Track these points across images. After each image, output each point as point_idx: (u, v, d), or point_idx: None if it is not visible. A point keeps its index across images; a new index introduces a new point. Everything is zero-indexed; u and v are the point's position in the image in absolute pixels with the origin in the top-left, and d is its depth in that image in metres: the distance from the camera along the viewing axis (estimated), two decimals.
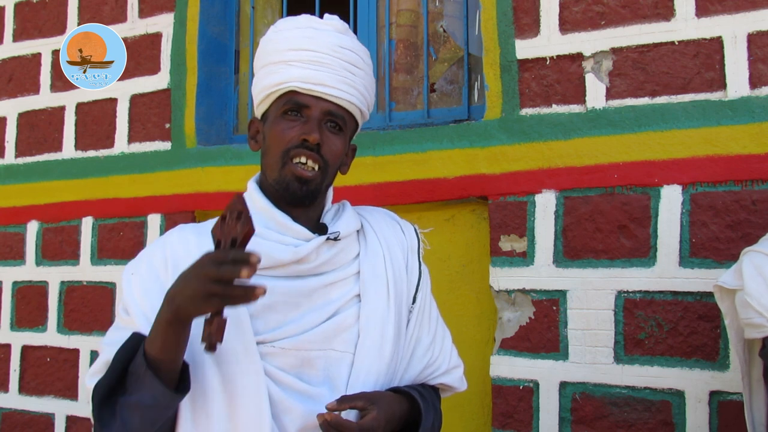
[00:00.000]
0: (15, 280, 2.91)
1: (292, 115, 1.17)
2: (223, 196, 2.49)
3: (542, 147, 2.05)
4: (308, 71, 1.15)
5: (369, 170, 2.25)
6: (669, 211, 1.91)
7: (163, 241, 1.22)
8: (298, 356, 1.12)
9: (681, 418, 1.85)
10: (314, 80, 1.15)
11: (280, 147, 1.16)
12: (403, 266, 1.27)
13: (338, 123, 1.19)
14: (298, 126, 1.16)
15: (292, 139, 1.15)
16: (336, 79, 1.17)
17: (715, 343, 1.85)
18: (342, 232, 1.19)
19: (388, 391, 1.17)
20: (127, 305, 1.15)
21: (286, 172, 1.15)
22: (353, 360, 1.15)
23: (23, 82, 2.99)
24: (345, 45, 1.20)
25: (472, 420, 2.19)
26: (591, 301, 1.97)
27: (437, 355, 1.28)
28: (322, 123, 1.17)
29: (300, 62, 1.16)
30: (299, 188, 1.15)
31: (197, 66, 2.61)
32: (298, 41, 1.18)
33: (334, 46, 1.18)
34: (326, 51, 1.17)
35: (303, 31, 1.19)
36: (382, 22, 2.59)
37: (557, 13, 2.08)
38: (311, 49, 1.17)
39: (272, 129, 1.18)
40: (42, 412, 2.78)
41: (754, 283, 1.38)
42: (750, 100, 1.85)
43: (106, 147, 2.76)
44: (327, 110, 1.17)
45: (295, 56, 1.17)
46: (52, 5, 2.95)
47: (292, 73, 1.16)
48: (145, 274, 1.16)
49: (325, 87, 1.16)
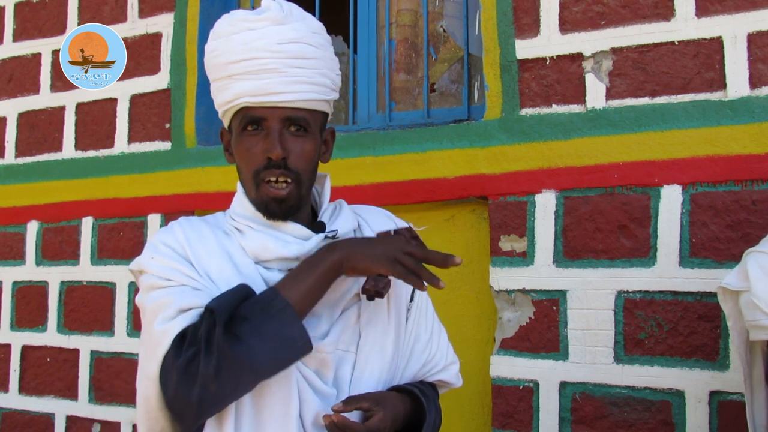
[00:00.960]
0: (15, 280, 2.91)
1: (252, 129, 1.13)
2: (223, 196, 2.48)
3: (542, 147, 2.05)
4: (254, 82, 1.09)
5: (369, 170, 2.25)
6: (669, 211, 1.91)
7: (170, 227, 1.20)
8: (318, 357, 1.12)
9: (681, 418, 1.85)
10: (262, 91, 1.09)
11: (249, 168, 1.13)
12: None
13: (301, 125, 1.14)
14: (261, 141, 1.12)
15: (257, 159, 1.11)
16: (285, 81, 1.10)
17: (715, 343, 1.85)
18: (340, 231, 1.19)
19: (391, 391, 1.18)
20: (160, 273, 1.11)
21: (261, 194, 1.13)
22: (355, 359, 1.15)
23: (23, 82, 2.99)
24: (286, 38, 1.11)
25: (472, 420, 2.19)
26: (591, 301, 1.97)
27: (435, 352, 1.28)
28: (284, 130, 1.12)
29: (244, 74, 1.10)
30: (278, 207, 1.13)
31: (197, 66, 2.61)
32: (237, 51, 1.11)
33: (274, 45, 1.10)
34: (268, 54, 1.10)
35: (240, 35, 1.11)
36: (382, 22, 2.58)
37: (557, 13, 2.08)
38: (251, 57, 1.10)
39: (237, 147, 1.15)
40: (42, 412, 2.79)
41: (762, 284, 1.37)
42: (750, 100, 1.84)
43: (106, 147, 2.76)
44: (285, 117, 1.12)
45: (238, 69, 1.11)
46: (52, 5, 2.95)
47: (239, 87, 1.10)
48: (167, 251, 1.14)
49: (276, 95, 1.10)
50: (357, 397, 1.09)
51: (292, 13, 1.15)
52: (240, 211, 1.20)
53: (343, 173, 2.14)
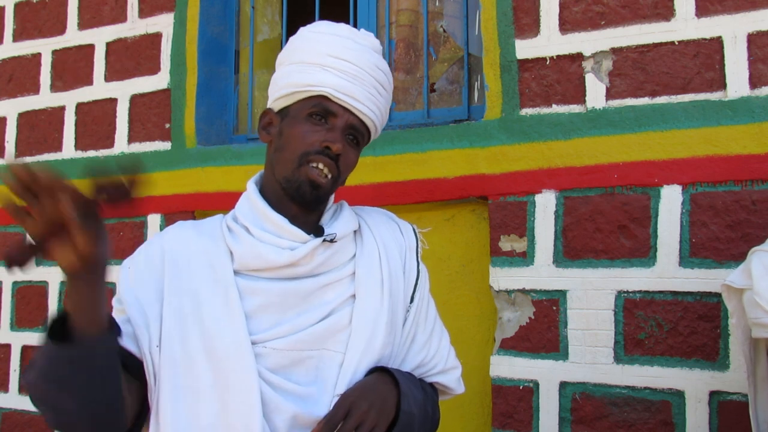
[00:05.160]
0: (15, 280, 2.91)
1: (316, 119, 1.18)
2: (223, 196, 2.49)
3: (542, 147, 2.06)
4: (344, 81, 1.17)
5: (369, 170, 2.25)
6: (669, 211, 1.91)
7: (160, 235, 1.22)
8: (289, 356, 1.12)
9: (681, 418, 1.85)
10: (347, 91, 1.17)
11: (300, 148, 1.16)
12: (400, 266, 1.27)
13: (357, 137, 1.22)
14: (322, 131, 1.17)
15: (313, 143, 1.16)
16: (366, 95, 1.19)
17: (715, 343, 1.85)
18: (338, 233, 1.19)
19: (372, 376, 1.15)
20: (120, 295, 1.15)
21: (300, 174, 1.16)
22: (343, 359, 1.15)
23: (23, 82, 2.99)
24: (379, 65, 1.23)
25: (472, 420, 2.19)
26: (591, 301, 1.97)
27: (433, 354, 1.28)
28: (344, 134, 1.19)
29: (337, 70, 1.17)
30: (310, 192, 1.16)
31: (197, 66, 2.61)
32: (339, 49, 1.19)
33: (370, 63, 1.21)
34: (363, 66, 1.19)
35: (343, 41, 1.20)
36: (382, 22, 2.59)
37: (557, 13, 2.09)
38: (350, 60, 1.18)
39: (293, 128, 1.18)
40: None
41: (765, 283, 1.38)
42: (750, 100, 1.85)
43: (106, 147, 2.76)
44: (351, 123, 1.19)
45: (334, 63, 1.18)
46: (52, 5, 2.95)
47: (328, 78, 1.17)
48: (142, 265, 1.17)
49: (356, 101, 1.18)
50: (331, 416, 1.07)
51: (381, 51, 1.28)
52: (245, 209, 1.20)
53: None
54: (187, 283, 1.13)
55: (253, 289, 1.13)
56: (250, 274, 1.15)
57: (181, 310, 1.11)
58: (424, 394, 1.22)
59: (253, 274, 1.15)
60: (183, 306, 1.11)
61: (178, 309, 1.11)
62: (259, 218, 1.18)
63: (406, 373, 1.22)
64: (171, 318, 1.11)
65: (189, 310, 1.11)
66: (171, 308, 1.11)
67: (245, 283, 1.14)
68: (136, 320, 1.11)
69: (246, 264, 1.15)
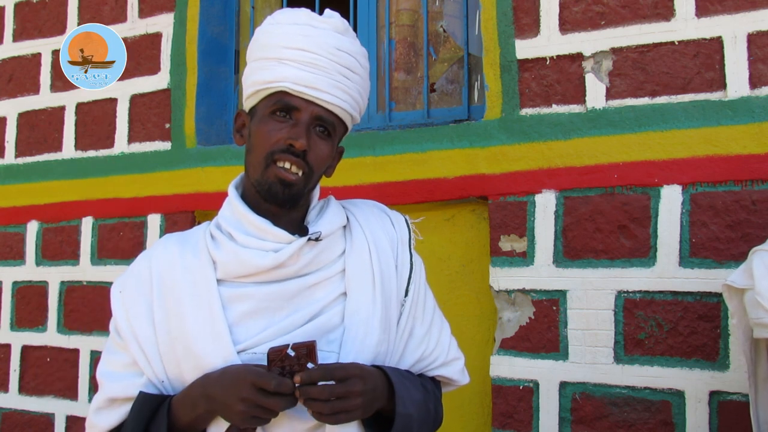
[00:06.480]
0: (15, 280, 2.91)
1: (280, 115, 1.14)
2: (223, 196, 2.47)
3: (542, 147, 2.05)
4: (302, 72, 1.11)
5: (369, 170, 2.25)
6: (669, 211, 1.91)
7: (148, 255, 1.21)
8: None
9: (681, 418, 1.85)
10: (307, 83, 1.11)
11: (264, 148, 1.13)
12: (392, 260, 1.23)
13: (327, 128, 1.16)
14: (286, 128, 1.13)
15: (278, 142, 1.12)
16: (330, 83, 1.13)
17: (715, 343, 1.85)
18: (324, 231, 1.17)
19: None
20: (118, 327, 1.16)
21: (268, 174, 1.13)
22: (337, 360, 1.12)
23: (23, 82, 2.99)
24: (343, 47, 1.16)
25: (472, 420, 2.19)
26: (591, 301, 1.97)
27: (433, 346, 1.25)
28: (311, 127, 1.14)
29: (294, 62, 1.12)
30: (281, 190, 1.13)
31: (197, 66, 2.61)
32: (295, 39, 1.13)
33: (331, 48, 1.14)
34: (323, 53, 1.13)
35: (301, 28, 1.14)
36: (382, 22, 2.59)
37: (557, 13, 2.08)
38: (307, 49, 1.12)
39: (259, 128, 1.15)
40: (42, 412, 2.79)
41: (766, 283, 1.38)
42: (750, 100, 1.85)
43: (106, 147, 2.76)
44: (317, 115, 1.14)
45: (290, 55, 1.12)
46: (52, 5, 2.95)
47: (285, 72, 1.12)
48: (133, 292, 1.17)
49: (318, 91, 1.12)
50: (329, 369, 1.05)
51: (349, 30, 1.20)
52: (228, 213, 1.19)
53: (343, 173, 2.12)
54: (174, 306, 1.13)
55: (238, 296, 1.12)
56: (236, 281, 1.14)
57: (170, 333, 1.11)
58: (424, 393, 1.19)
59: (238, 281, 1.14)
60: (171, 330, 1.12)
61: (168, 333, 1.12)
62: (242, 222, 1.16)
63: (405, 371, 1.20)
64: (164, 345, 1.12)
65: (177, 333, 1.11)
66: (162, 334, 1.12)
67: (230, 292, 1.13)
68: (138, 358, 1.13)
69: (230, 272, 1.14)
